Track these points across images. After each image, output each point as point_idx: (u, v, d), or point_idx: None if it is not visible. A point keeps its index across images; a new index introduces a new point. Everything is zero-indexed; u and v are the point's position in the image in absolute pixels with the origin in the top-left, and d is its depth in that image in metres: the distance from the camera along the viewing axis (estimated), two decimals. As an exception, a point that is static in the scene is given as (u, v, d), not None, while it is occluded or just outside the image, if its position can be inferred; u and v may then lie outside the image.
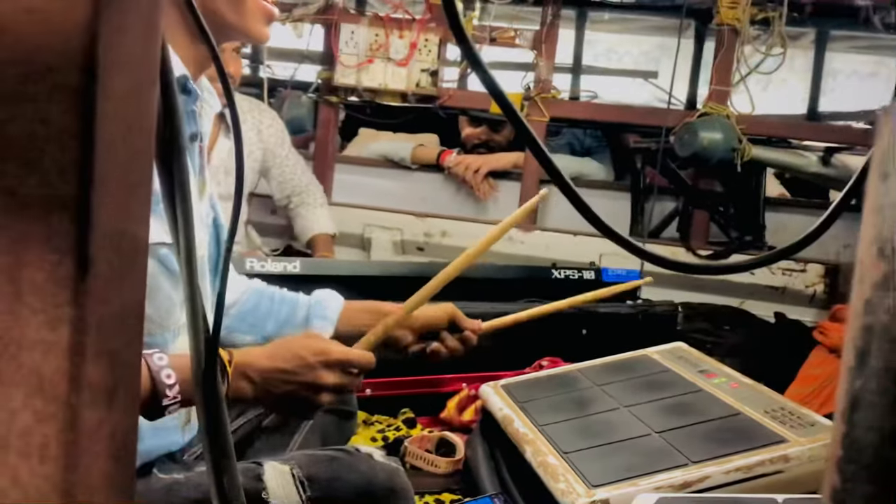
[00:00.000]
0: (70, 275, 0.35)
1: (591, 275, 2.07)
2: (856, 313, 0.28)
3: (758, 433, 1.25)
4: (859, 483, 0.27)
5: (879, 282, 0.26)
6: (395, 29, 2.51)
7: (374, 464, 1.09)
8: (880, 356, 0.26)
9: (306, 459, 1.08)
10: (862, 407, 0.27)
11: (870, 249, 0.27)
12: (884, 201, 0.26)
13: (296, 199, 2.49)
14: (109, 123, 0.36)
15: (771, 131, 2.52)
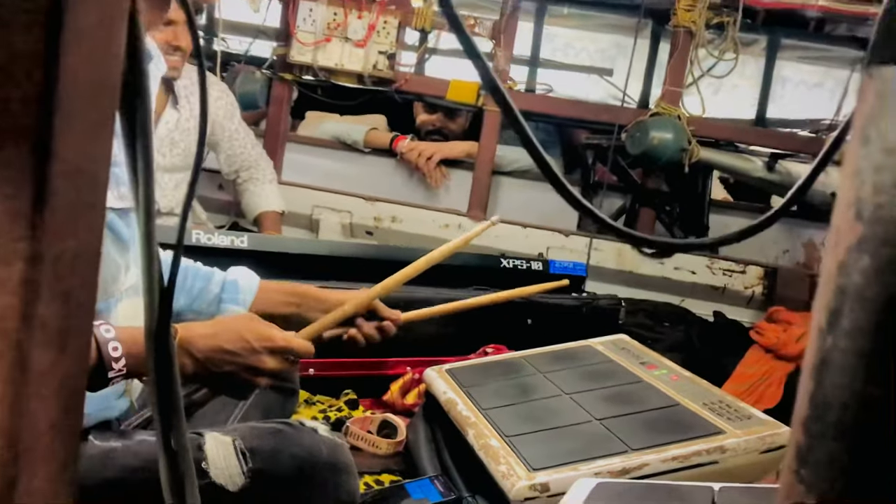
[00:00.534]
0: (26, 208, 0.34)
1: (538, 266, 2.08)
2: (829, 275, 0.28)
3: (696, 424, 1.28)
4: (825, 440, 0.28)
5: (854, 244, 0.27)
6: (354, 9, 2.49)
7: (318, 438, 1.08)
8: (852, 316, 0.27)
9: (249, 431, 1.06)
10: (831, 366, 0.28)
11: (847, 212, 0.27)
12: (863, 164, 0.27)
13: (244, 174, 2.44)
14: (76, 54, 0.35)
15: (720, 134, 2.57)
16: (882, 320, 0.26)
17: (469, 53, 0.54)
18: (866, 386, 0.27)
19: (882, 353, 0.26)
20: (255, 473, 1.01)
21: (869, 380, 0.27)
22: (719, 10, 2.37)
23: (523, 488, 1.13)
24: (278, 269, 1.75)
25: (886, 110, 0.26)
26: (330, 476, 1.06)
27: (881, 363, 0.26)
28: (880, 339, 0.26)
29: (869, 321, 0.27)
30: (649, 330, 2.32)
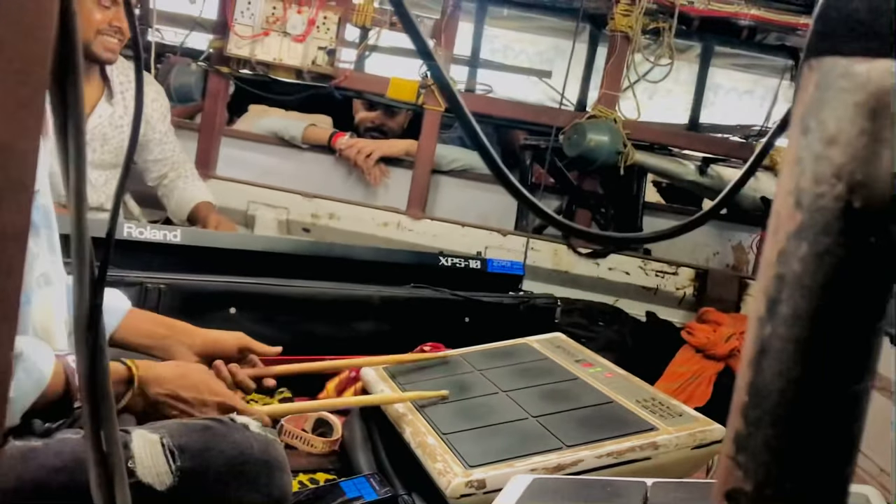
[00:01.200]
0: (-52, 186, 0.32)
1: (476, 264, 2.09)
2: (768, 263, 0.28)
3: (629, 421, 1.30)
4: (762, 427, 0.28)
5: (793, 232, 0.27)
6: (294, 3, 2.46)
7: (249, 434, 1.06)
8: (790, 304, 0.27)
9: (178, 428, 1.04)
10: (770, 354, 0.28)
11: (786, 200, 0.28)
12: (803, 154, 0.27)
13: (172, 175, 2.36)
14: (4, 27, 0.33)
15: (654, 138, 2.62)
16: (820, 307, 0.27)
17: (421, 53, 0.54)
18: (804, 372, 0.27)
19: (819, 340, 0.27)
20: (184, 472, 0.98)
21: (806, 366, 0.27)
22: (655, 15, 2.42)
23: (459, 485, 1.14)
24: (212, 264, 1.72)
25: (826, 101, 0.27)
26: (262, 473, 1.04)
27: (818, 350, 0.27)
28: (818, 327, 0.27)
29: (807, 309, 0.27)
30: (584, 329, 2.35)
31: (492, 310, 1.98)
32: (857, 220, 0.26)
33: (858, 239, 0.26)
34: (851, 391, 0.27)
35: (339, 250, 2.00)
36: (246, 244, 1.86)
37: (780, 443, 0.28)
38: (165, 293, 1.59)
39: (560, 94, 2.62)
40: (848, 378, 0.27)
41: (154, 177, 2.35)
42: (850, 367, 0.27)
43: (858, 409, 0.27)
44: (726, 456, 0.30)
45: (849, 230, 0.26)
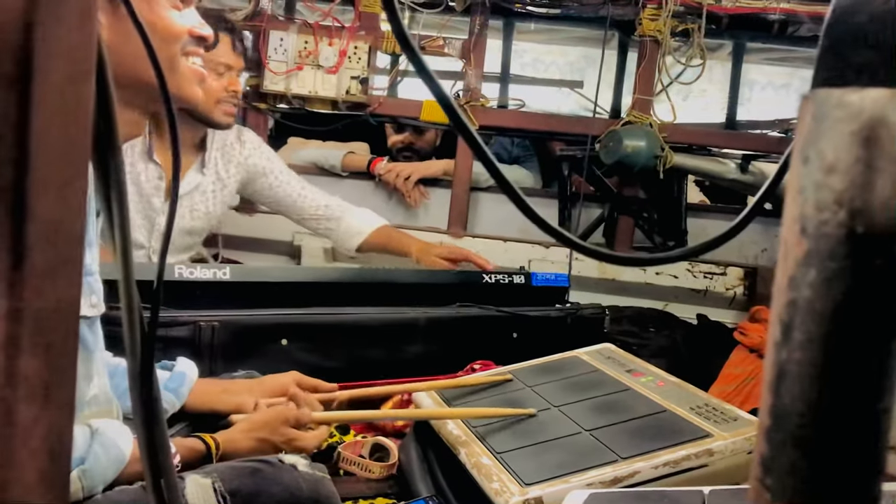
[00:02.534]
0: (5, 266, 0.35)
1: (520, 279, 2.09)
2: (780, 289, 0.29)
3: (683, 429, 1.29)
4: (786, 450, 0.29)
5: (801, 259, 0.28)
6: (325, 36, 2.51)
7: (298, 475, 1.08)
8: (803, 329, 0.28)
9: (228, 472, 1.06)
10: (787, 378, 0.29)
11: (793, 228, 0.28)
12: (805, 182, 0.28)
13: (317, 212, 2.35)
14: (45, 114, 0.36)
15: (691, 139, 2.60)
16: (831, 331, 0.28)
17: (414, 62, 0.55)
18: (820, 395, 0.28)
19: (834, 362, 0.28)
20: None
21: (822, 389, 0.28)
22: (683, 17, 2.41)
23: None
24: (261, 298, 1.76)
25: (822, 131, 0.28)
26: None
27: (834, 373, 0.28)
28: (831, 350, 0.28)
29: (819, 333, 0.28)
30: (634, 336, 2.33)
31: (539, 324, 1.98)
32: (862, 245, 0.27)
33: (864, 262, 0.27)
34: (870, 411, 0.28)
35: (382, 275, 2.02)
36: (292, 276, 1.90)
37: (804, 465, 0.28)
38: (219, 330, 1.63)
39: (593, 102, 2.62)
40: (866, 398, 0.28)
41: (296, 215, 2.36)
42: (867, 387, 0.28)
43: (879, 429, 0.28)
44: (755, 479, 0.30)
45: (854, 254, 0.27)
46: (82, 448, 0.97)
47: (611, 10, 2.49)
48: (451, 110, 0.54)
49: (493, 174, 0.55)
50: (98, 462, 0.97)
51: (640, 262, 1.98)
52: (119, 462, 1.00)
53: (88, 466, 0.96)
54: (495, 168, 0.55)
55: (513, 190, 0.53)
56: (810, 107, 0.28)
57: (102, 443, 0.99)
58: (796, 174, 0.29)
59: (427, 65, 0.55)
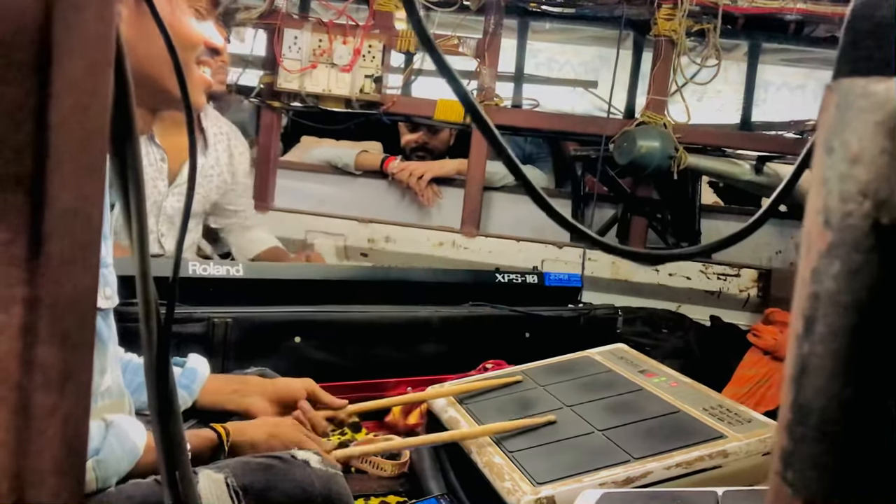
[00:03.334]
0: (23, 254, 0.35)
1: (534, 279, 2.09)
2: (803, 282, 0.29)
3: (697, 430, 1.28)
4: (807, 444, 0.28)
5: (825, 251, 0.28)
6: (339, 34, 2.51)
7: (311, 471, 1.08)
8: (826, 322, 0.28)
9: (241, 467, 1.06)
10: (809, 371, 0.28)
11: (816, 220, 0.28)
12: (828, 174, 0.28)
13: (243, 223, 2.41)
14: (64, 103, 0.36)
15: (706, 140, 2.59)
16: (855, 324, 0.27)
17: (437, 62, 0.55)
18: (843, 388, 0.27)
19: (856, 355, 0.27)
20: None
21: (846, 382, 0.27)
22: (699, 17, 2.40)
23: (529, 503, 1.14)
24: (275, 295, 1.76)
25: (847, 121, 0.27)
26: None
27: (856, 365, 0.27)
28: (854, 343, 0.27)
29: (843, 325, 0.27)
30: (647, 337, 2.33)
31: (552, 324, 1.98)
32: (887, 236, 0.26)
33: (890, 254, 0.27)
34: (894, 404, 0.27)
35: (396, 274, 2.02)
36: (306, 274, 1.90)
37: (825, 459, 0.28)
38: (232, 327, 1.63)
39: (607, 102, 2.62)
40: (890, 391, 0.27)
41: (224, 222, 2.38)
42: (892, 380, 0.27)
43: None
44: (775, 472, 0.30)
45: (879, 246, 0.27)
46: (97, 440, 0.97)
47: (626, 9, 2.48)
48: (472, 107, 0.54)
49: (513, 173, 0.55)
50: (113, 454, 0.98)
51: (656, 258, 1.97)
52: (133, 454, 1.00)
53: (103, 457, 0.97)
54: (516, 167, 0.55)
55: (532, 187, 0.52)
56: (834, 97, 0.28)
57: (117, 435, 0.99)
58: (820, 165, 0.28)
59: (448, 62, 0.55)
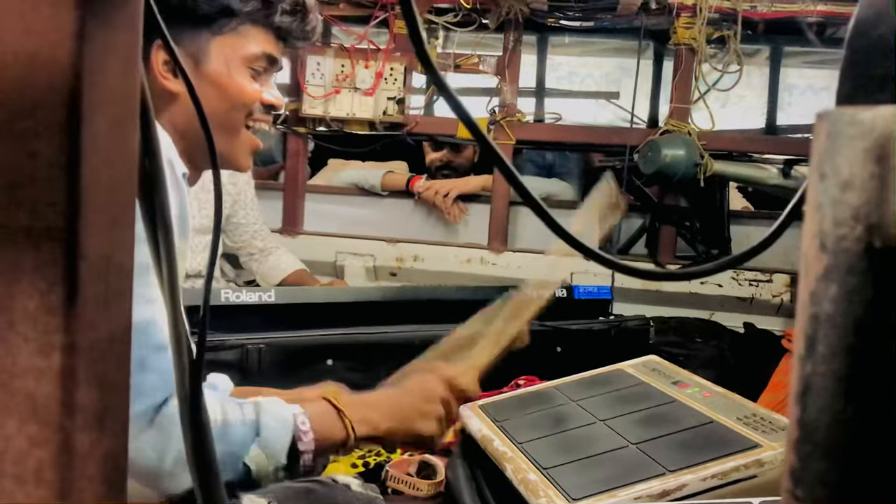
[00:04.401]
0: (60, 302, 0.37)
1: (562, 293, 2.09)
2: (803, 304, 0.30)
3: (732, 440, 1.27)
4: (814, 461, 0.29)
5: (822, 274, 0.29)
6: (361, 59, 2.54)
7: (351, 494, 1.09)
8: (826, 342, 0.29)
9: (283, 492, 1.07)
10: (813, 391, 0.29)
11: (812, 244, 0.29)
12: (822, 199, 0.29)
13: (259, 244, 2.44)
14: (94, 157, 0.38)
15: (731, 146, 2.58)
16: (853, 344, 0.28)
17: (435, 81, 0.57)
18: (846, 407, 0.28)
19: (856, 374, 0.28)
20: None
21: (847, 401, 0.28)
22: (718, 24, 2.40)
23: (564, 519, 1.14)
24: (306, 319, 1.79)
25: (837, 148, 0.28)
26: None
27: (856, 384, 0.28)
28: (854, 362, 0.28)
29: (842, 346, 0.28)
30: (680, 347, 2.31)
31: (582, 337, 1.98)
32: (880, 259, 0.27)
33: (884, 276, 0.27)
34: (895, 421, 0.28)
35: (424, 293, 2.04)
36: (336, 297, 1.93)
37: (833, 476, 0.29)
38: (265, 352, 1.66)
39: (630, 113, 2.62)
40: (890, 409, 0.28)
41: (238, 240, 2.43)
42: (891, 397, 0.28)
43: (906, 439, 0.28)
44: (785, 490, 0.31)
45: (873, 269, 0.27)
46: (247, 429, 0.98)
47: (645, 20, 2.48)
48: (472, 125, 0.55)
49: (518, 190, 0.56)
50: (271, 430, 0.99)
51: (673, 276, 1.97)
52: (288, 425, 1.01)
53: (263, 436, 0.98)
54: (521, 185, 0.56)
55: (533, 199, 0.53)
56: (824, 125, 0.29)
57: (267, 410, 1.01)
58: (814, 191, 0.29)
59: (445, 80, 0.56)
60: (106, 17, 0.38)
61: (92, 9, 0.37)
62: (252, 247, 2.43)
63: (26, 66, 0.35)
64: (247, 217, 2.40)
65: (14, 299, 0.36)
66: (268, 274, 2.42)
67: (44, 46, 0.36)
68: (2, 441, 0.36)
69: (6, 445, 0.36)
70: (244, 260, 2.47)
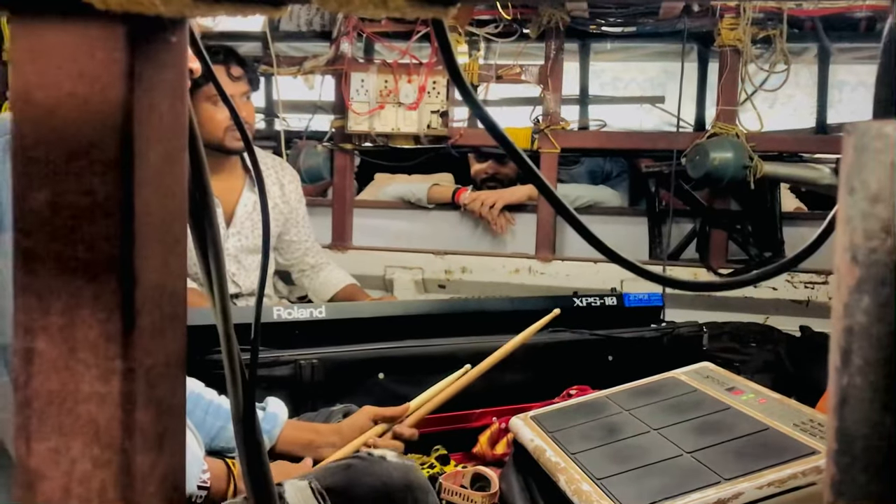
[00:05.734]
0: (118, 330, 0.39)
1: (612, 301, 2.08)
2: (837, 316, 0.30)
3: (788, 447, 1.25)
4: (854, 473, 0.29)
5: (854, 286, 0.29)
6: (404, 74, 2.57)
7: (388, 464, 1.13)
8: (861, 354, 0.29)
9: (322, 472, 1.12)
10: (850, 402, 0.29)
11: (844, 257, 0.29)
12: (852, 212, 0.29)
13: (310, 260, 2.46)
14: (146, 190, 0.40)
15: (781, 147, 2.54)
16: (889, 355, 0.28)
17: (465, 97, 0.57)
18: (883, 418, 0.28)
19: (893, 385, 0.28)
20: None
21: (885, 412, 0.28)
22: (763, 24, 2.36)
23: (619, 529, 1.13)
24: (357, 334, 1.81)
25: (864, 162, 0.28)
26: (407, 497, 1.11)
27: (893, 395, 0.28)
28: (889, 373, 0.28)
29: (877, 357, 0.28)
30: (735, 353, 2.28)
31: (634, 345, 1.96)
32: (912, 270, 0.27)
33: (917, 287, 0.28)
34: (936, 432, 0.28)
35: (473, 305, 2.05)
36: (386, 311, 1.94)
37: (873, 487, 0.29)
38: (318, 367, 1.68)
39: (676, 116, 2.60)
40: (930, 420, 0.28)
41: (291, 257, 2.46)
42: (930, 409, 0.28)
43: (946, 449, 0.28)
44: (827, 502, 0.31)
45: (906, 280, 0.28)
46: None
47: (688, 23, 2.46)
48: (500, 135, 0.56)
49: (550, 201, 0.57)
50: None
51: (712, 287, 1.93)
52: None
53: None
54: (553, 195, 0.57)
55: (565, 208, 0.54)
56: (851, 139, 0.29)
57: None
58: (844, 204, 0.30)
59: (475, 93, 0.57)
60: (154, 57, 0.40)
61: (140, 50, 0.39)
62: (304, 264, 2.46)
63: (81, 108, 0.38)
64: (298, 235, 2.43)
65: (76, 328, 0.38)
66: (319, 290, 2.45)
67: (96, 88, 0.38)
68: (67, 463, 0.38)
69: (72, 468, 0.38)
70: (296, 276, 2.50)
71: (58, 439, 0.38)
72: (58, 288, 0.38)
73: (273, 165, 2.38)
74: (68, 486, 0.38)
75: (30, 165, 0.37)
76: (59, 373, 0.38)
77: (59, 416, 0.38)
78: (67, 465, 0.38)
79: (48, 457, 0.38)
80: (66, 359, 0.38)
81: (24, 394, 0.38)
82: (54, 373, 0.38)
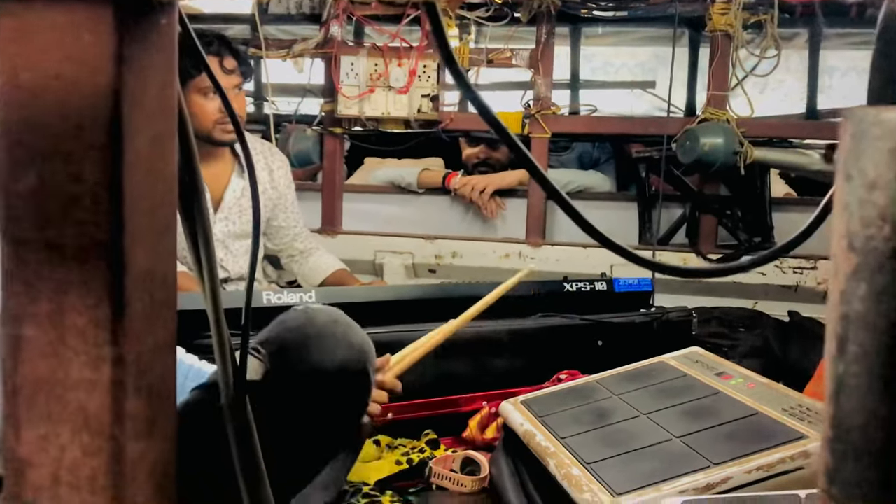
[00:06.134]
0: (108, 316, 0.38)
1: (602, 286, 2.08)
2: (833, 304, 0.30)
3: (777, 431, 1.26)
4: (848, 461, 0.29)
5: (851, 273, 0.29)
6: (394, 58, 2.56)
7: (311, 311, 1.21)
8: (857, 342, 0.29)
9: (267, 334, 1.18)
10: (846, 390, 0.29)
11: (840, 244, 0.29)
12: (849, 199, 0.29)
13: (299, 245, 2.45)
14: (136, 175, 0.39)
15: (771, 132, 2.54)
16: (886, 343, 0.28)
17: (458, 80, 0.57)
18: (879, 406, 0.28)
19: (889, 373, 0.28)
20: None
21: (881, 400, 0.28)
22: (754, 9, 2.36)
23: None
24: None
25: (862, 149, 0.28)
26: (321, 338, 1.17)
27: (889, 383, 0.28)
28: (885, 361, 0.28)
29: (873, 345, 0.28)
30: (724, 338, 2.29)
31: (624, 330, 1.97)
32: (910, 258, 0.27)
33: (914, 275, 0.27)
34: (931, 420, 0.28)
35: (463, 290, 2.04)
36: (376, 296, 1.94)
37: (867, 475, 0.29)
38: (308, 352, 1.68)
39: (667, 102, 2.59)
40: (925, 408, 0.28)
41: (280, 242, 2.44)
42: (926, 396, 0.28)
43: (941, 437, 0.28)
44: (821, 489, 0.31)
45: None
46: None
47: (679, 7, 2.46)
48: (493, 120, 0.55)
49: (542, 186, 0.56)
50: None
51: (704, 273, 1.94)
52: None
53: None
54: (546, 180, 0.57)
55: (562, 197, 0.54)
56: (849, 126, 0.29)
57: None
58: (841, 191, 0.29)
59: (468, 77, 0.57)
60: (143, 39, 0.39)
61: (129, 32, 0.38)
62: (293, 249, 2.45)
63: (68, 90, 0.37)
64: (287, 220, 2.41)
65: (64, 315, 0.38)
66: (309, 275, 2.44)
67: (84, 71, 0.37)
68: (57, 451, 0.38)
69: (61, 455, 0.38)
70: (285, 262, 2.49)
71: (47, 427, 0.37)
72: (46, 274, 0.37)
73: (262, 150, 2.36)
74: (57, 473, 0.38)
75: (16, 149, 0.37)
76: (47, 360, 0.38)
77: (48, 404, 0.38)
78: (57, 453, 0.38)
79: (37, 445, 0.37)
80: (55, 346, 0.38)
81: (13, 381, 0.37)
82: (43, 360, 0.37)
